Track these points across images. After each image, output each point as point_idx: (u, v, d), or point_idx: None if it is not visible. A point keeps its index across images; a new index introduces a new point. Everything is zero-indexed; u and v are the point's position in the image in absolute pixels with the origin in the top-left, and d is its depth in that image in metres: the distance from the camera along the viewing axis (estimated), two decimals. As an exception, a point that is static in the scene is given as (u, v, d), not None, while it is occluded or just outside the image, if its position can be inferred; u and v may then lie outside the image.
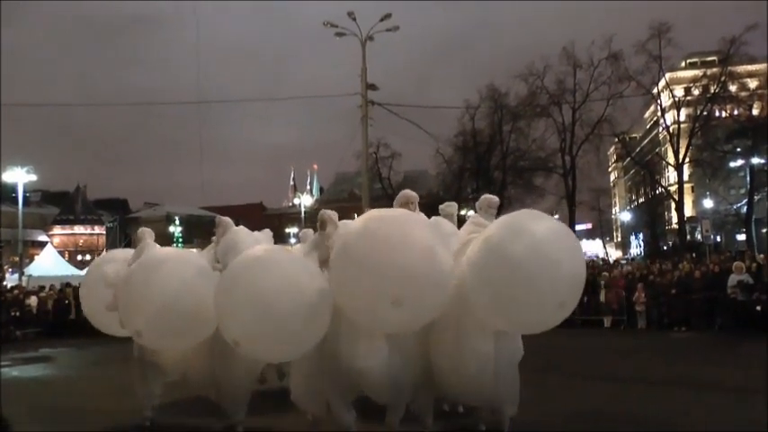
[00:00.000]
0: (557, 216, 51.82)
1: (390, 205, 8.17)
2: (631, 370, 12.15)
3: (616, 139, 48.30)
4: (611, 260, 38.84)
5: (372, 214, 6.53)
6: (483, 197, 8.19)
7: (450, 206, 8.50)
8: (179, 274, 7.33)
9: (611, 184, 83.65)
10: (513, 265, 5.96)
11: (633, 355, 14.28)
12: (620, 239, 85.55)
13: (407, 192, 7.73)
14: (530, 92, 43.62)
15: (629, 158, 56.29)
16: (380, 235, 6.00)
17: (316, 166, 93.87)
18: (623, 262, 35.73)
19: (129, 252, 9.20)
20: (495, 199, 8.11)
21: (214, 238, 8.43)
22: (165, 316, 7.02)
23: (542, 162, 45.40)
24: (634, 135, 59.92)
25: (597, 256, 47.93)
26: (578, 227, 51.84)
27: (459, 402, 7.90)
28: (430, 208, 9.21)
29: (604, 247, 70.46)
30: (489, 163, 46.39)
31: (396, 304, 5.82)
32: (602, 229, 74.73)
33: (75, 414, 9.66)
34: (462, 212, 47.10)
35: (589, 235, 74.83)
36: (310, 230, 8.91)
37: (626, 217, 77.65)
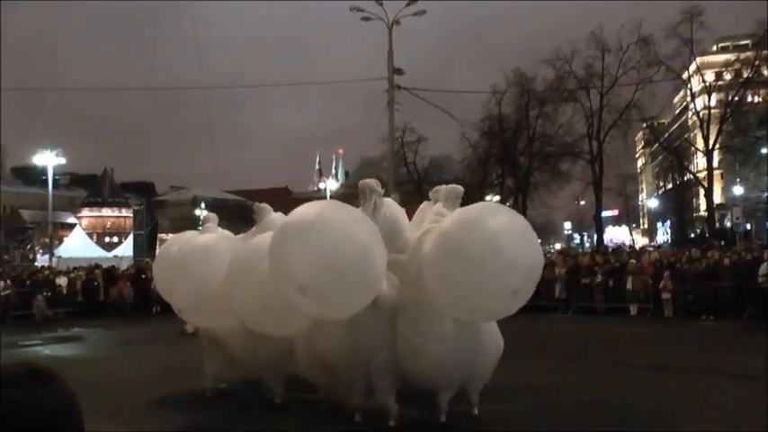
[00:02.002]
0: (582, 200, 51.43)
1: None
2: (655, 358, 12.08)
3: (644, 125, 47.61)
4: (638, 247, 38.49)
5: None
6: (446, 187, 8.30)
7: (438, 191, 8.46)
8: (341, 225, 6.86)
9: (639, 171, 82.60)
10: (465, 258, 6.28)
11: (658, 344, 14.21)
12: (646, 226, 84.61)
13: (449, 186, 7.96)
14: (557, 76, 43.14)
15: (657, 144, 55.48)
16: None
17: (341, 151, 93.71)
18: (650, 249, 35.39)
19: (195, 234, 10.13)
20: (460, 189, 8.19)
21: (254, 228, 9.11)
22: (335, 265, 6.52)
23: (569, 147, 44.94)
24: (663, 120, 59.03)
25: (624, 243, 47.47)
26: (604, 213, 51.39)
27: (422, 386, 7.83)
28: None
29: (631, 234, 69.75)
30: (515, 148, 46.06)
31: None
32: (629, 216, 73.93)
33: (112, 392, 9.88)
34: (488, 198, 46.74)
35: (615, 222, 74.12)
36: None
37: (653, 204, 76.67)
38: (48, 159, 39.51)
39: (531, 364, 11.24)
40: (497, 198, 47.44)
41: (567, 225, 75.93)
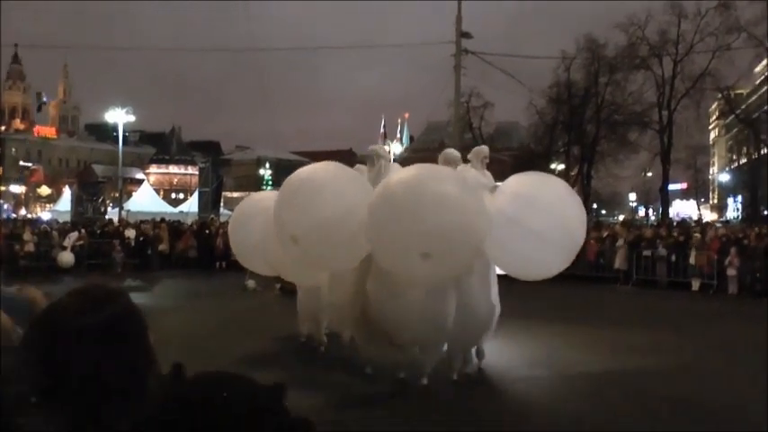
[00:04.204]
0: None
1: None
2: (714, 334, 11.83)
3: (719, 95, 45.74)
4: (705, 222, 37.32)
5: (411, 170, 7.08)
6: (476, 148, 8.27)
7: (452, 153, 8.39)
8: (328, 183, 7.55)
9: (711, 143, 79.54)
10: (378, 213, 6.60)
11: (720, 320, 13.89)
12: (716, 201, 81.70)
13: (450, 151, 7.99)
14: (629, 43, 41.81)
15: (732, 116, 53.28)
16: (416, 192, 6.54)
17: (407, 115, 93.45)
18: (718, 225, 34.27)
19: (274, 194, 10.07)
20: (485, 149, 8.18)
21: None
22: (318, 219, 7.11)
23: (638, 117, 43.66)
24: (740, 91, 56.44)
25: (689, 218, 46.09)
26: (672, 186, 49.95)
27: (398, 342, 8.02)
28: (521, 160, 9.24)
29: (699, 208, 67.58)
30: (583, 116, 45.04)
31: (425, 258, 6.28)
32: (698, 190, 71.54)
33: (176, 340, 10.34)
34: (553, 166, 45.99)
35: (684, 195, 71.89)
36: (364, 167, 9.00)
37: (725, 178, 73.93)
38: (119, 117, 40.77)
39: (581, 332, 11.24)
40: (562, 167, 46.71)
41: (633, 196, 74.07)
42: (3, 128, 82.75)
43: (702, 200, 76.25)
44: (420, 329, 7.30)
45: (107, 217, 34.24)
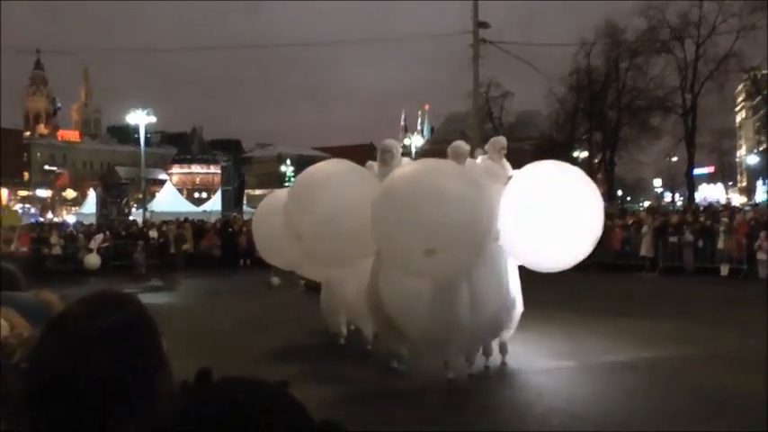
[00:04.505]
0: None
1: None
2: (743, 322, 11.63)
3: (745, 76, 44.95)
4: (733, 205, 36.76)
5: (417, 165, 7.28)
6: (493, 139, 8.17)
7: (461, 146, 8.23)
8: (326, 181, 7.95)
9: (737, 125, 78.28)
10: (380, 210, 6.58)
11: (751, 306, 13.66)
12: (744, 184, 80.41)
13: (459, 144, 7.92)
14: (649, 27, 41.17)
15: (759, 97, 52.34)
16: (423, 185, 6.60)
17: (427, 107, 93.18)
18: (746, 208, 33.71)
19: None
20: (502, 140, 8.05)
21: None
22: (315, 215, 7.56)
23: (660, 101, 43.07)
24: (766, 71, 55.47)
25: (717, 202, 45.45)
26: (698, 170, 49.27)
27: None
28: (542, 149, 9.16)
29: (726, 192, 66.60)
30: (604, 102, 44.66)
31: (429, 254, 6.25)
32: (725, 173, 70.52)
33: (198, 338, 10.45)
34: (575, 154, 45.57)
35: (710, 179, 70.87)
36: (375, 164, 8.99)
37: (753, 160, 72.68)
38: (140, 118, 41.19)
39: (607, 322, 11.14)
40: (585, 154, 46.33)
41: (657, 182, 73.24)
42: (28, 133, 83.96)
43: (730, 183, 75.14)
44: (431, 324, 7.26)
45: (131, 218, 34.64)
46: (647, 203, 55.30)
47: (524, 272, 8.34)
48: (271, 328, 11.48)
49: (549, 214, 6.76)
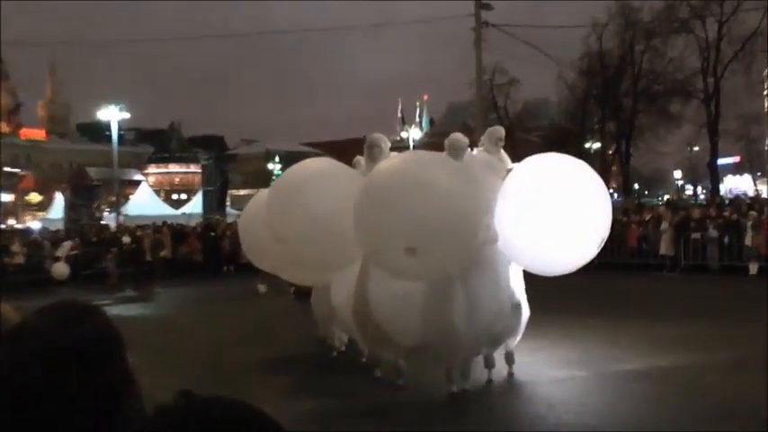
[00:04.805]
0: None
1: (507, 137, 8.32)
2: None
3: (773, 56, 44.98)
4: (763, 198, 36.79)
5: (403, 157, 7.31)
6: (489, 129, 8.16)
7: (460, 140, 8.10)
8: (304, 182, 8.22)
9: (766, 111, 78.39)
10: (355, 212, 6.64)
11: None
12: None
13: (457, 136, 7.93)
14: (667, 5, 41.18)
15: (789, 79, 52.50)
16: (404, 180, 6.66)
17: (426, 97, 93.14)
18: (776, 201, 33.76)
19: None
20: (500, 130, 8.04)
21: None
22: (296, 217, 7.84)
23: (680, 85, 43.08)
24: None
25: (744, 194, 45.49)
26: (723, 160, 49.30)
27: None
28: (552, 140, 9.15)
29: (755, 183, 66.63)
30: (618, 88, 44.59)
31: (409, 253, 6.28)
32: (753, 163, 70.52)
33: (176, 349, 10.45)
34: (588, 145, 45.41)
35: (736, 169, 70.91)
36: (362, 158, 9.09)
37: (783, 148, 72.82)
38: (112, 115, 41.00)
39: (623, 326, 11.17)
40: (598, 145, 46.38)
41: (678, 174, 73.32)
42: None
43: (759, 173, 75.19)
44: (422, 331, 7.26)
45: (103, 222, 34.62)
46: (666, 197, 55.35)
47: (531, 273, 8.36)
48: (258, 339, 11.51)
49: (548, 211, 6.68)
